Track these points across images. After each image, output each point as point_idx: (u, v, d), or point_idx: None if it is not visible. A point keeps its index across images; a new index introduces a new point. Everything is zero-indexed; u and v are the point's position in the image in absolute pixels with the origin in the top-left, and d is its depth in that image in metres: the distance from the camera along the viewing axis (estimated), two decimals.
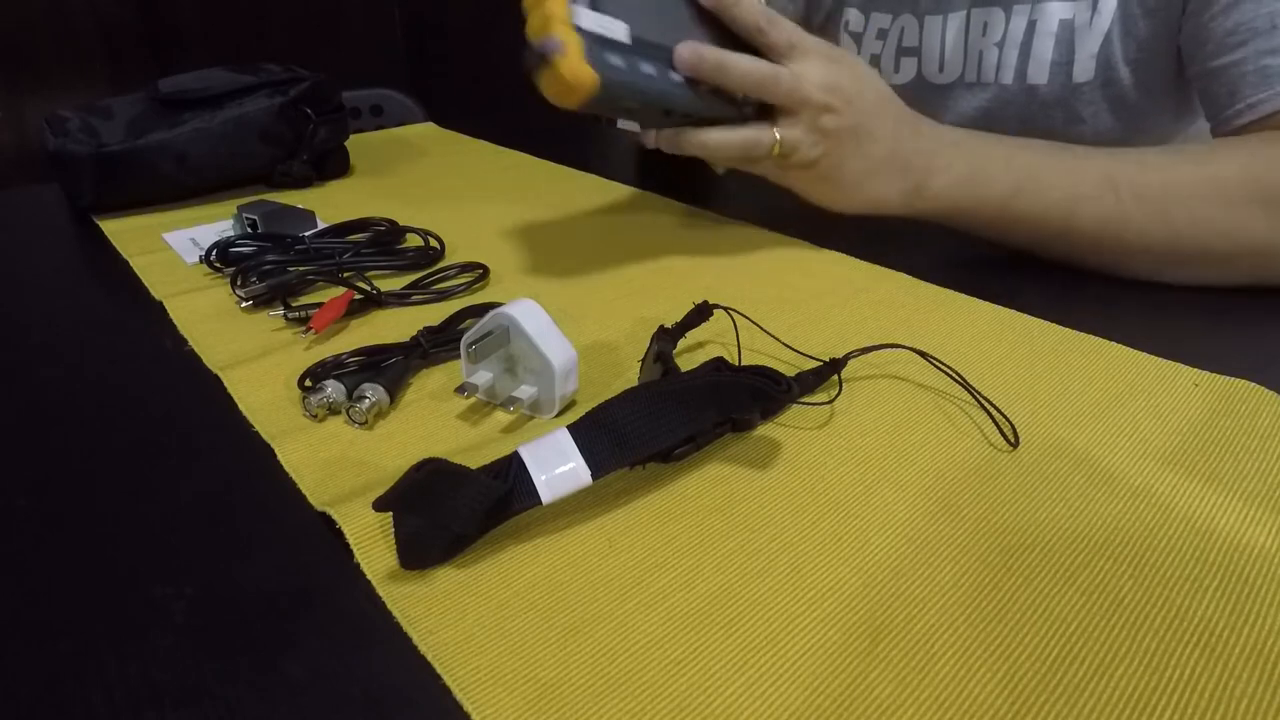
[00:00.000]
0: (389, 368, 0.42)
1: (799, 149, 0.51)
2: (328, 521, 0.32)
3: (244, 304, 0.51)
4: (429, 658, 0.27)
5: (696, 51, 0.48)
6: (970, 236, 0.57)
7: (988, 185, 0.53)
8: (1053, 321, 0.48)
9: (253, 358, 0.45)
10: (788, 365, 0.42)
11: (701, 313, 0.45)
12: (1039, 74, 0.67)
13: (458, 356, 0.45)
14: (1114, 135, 0.67)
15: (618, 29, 0.46)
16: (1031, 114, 0.69)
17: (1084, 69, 0.65)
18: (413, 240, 0.61)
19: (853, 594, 0.29)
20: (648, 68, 0.47)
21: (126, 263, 0.60)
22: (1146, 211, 0.50)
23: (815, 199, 0.55)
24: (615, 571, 0.30)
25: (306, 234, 0.61)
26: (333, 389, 0.40)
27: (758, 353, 0.45)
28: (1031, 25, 0.66)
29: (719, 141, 0.51)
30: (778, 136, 0.51)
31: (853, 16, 0.79)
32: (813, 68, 0.50)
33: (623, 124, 0.61)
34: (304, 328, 0.47)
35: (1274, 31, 0.52)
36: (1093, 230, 0.51)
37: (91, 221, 0.69)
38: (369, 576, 0.30)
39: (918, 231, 0.58)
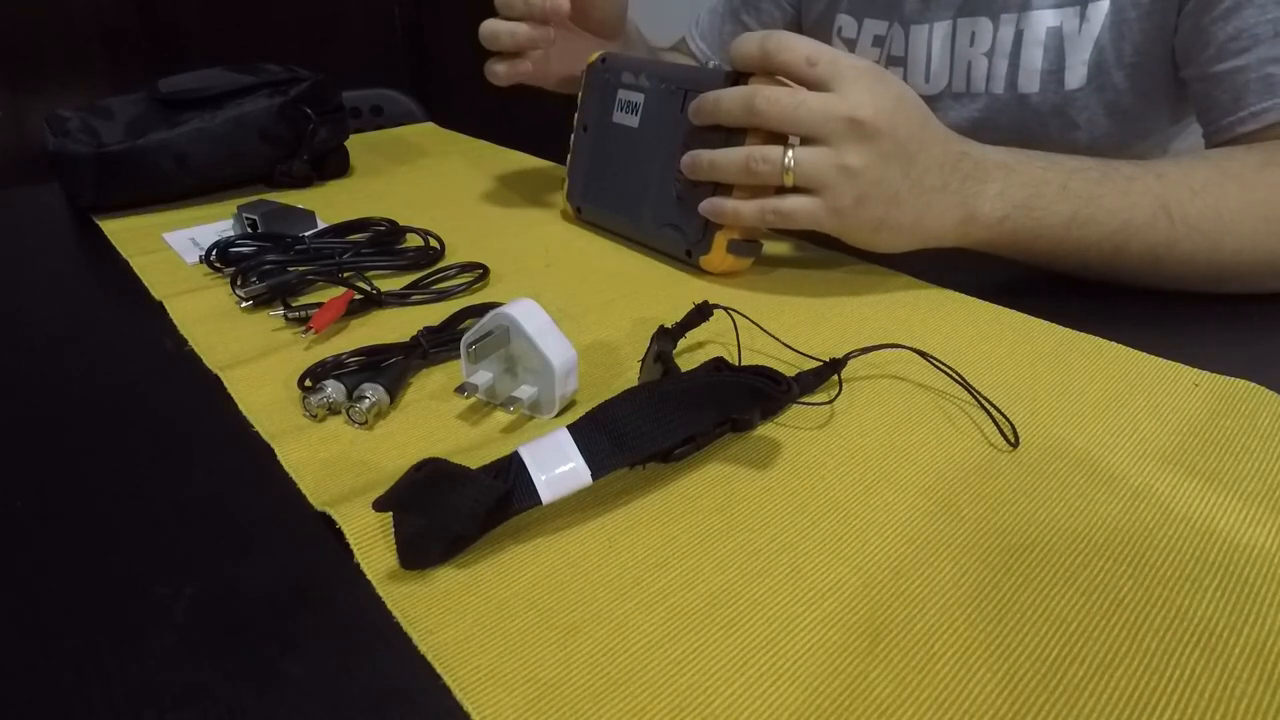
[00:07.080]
0: (389, 368, 0.42)
1: (818, 174, 0.48)
2: (328, 521, 0.32)
3: (244, 304, 0.51)
4: (429, 658, 0.27)
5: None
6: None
7: (1046, 212, 0.49)
8: (1053, 321, 0.48)
9: (253, 358, 0.45)
10: (788, 365, 0.42)
11: (701, 313, 0.45)
12: (1029, 83, 0.67)
13: (458, 356, 0.44)
14: (1110, 140, 0.67)
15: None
16: (1025, 122, 0.68)
17: (1076, 76, 0.65)
18: (413, 240, 0.61)
19: (853, 594, 0.29)
20: None
21: (126, 263, 0.60)
22: (1196, 241, 0.49)
23: (867, 241, 0.51)
24: (615, 571, 0.30)
25: (306, 234, 0.61)
26: (333, 389, 0.40)
27: (758, 353, 0.45)
28: (1019, 34, 0.66)
29: (724, 157, 0.50)
30: (789, 154, 0.48)
31: (845, 22, 0.78)
32: (858, 91, 0.47)
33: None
34: (304, 328, 0.47)
35: (1277, 39, 0.52)
36: (1141, 257, 0.50)
37: (91, 221, 0.69)
38: (369, 576, 0.30)
39: None
